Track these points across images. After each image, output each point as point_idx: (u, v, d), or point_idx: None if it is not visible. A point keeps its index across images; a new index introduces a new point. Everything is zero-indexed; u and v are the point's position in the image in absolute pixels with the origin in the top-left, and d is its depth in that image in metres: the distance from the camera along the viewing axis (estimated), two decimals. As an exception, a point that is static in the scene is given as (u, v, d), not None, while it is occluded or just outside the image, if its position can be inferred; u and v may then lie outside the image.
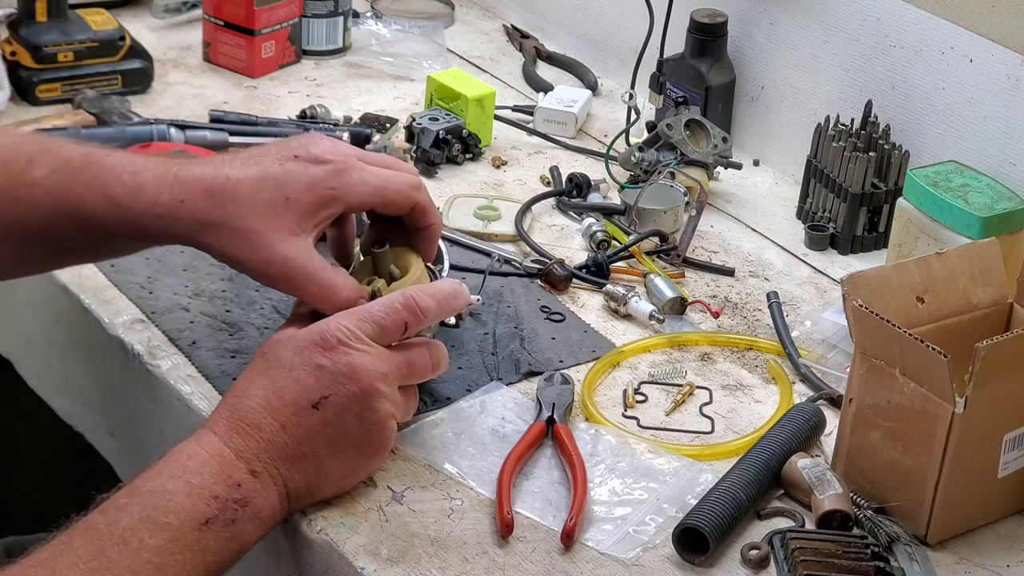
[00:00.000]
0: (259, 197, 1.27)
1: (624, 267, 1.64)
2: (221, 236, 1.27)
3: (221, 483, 1.18)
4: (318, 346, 1.23)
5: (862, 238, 1.73)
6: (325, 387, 1.22)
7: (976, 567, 1.27)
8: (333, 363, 1.22)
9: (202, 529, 1.16)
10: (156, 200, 1.27)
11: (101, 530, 1.13)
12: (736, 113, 1.90)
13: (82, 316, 1.52)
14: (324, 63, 2.06)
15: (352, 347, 1.23)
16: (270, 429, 1.21)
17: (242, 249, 1.27)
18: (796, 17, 1.82)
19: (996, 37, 1.61)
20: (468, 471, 1.32)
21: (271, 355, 1.24)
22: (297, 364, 1.22)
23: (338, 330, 1.23)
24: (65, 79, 1.89)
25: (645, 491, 1.32)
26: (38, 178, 1.28)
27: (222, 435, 1.20)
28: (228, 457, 1.19)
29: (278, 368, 1.23)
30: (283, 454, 1.22)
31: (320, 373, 1.22)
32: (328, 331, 1.23)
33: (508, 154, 1.87)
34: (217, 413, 1.23)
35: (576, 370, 1.47)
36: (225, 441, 1.20)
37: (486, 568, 1.23)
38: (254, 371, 1.24)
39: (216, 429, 1.21)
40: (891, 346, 1.26)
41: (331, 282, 1.28)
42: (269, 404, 1.22)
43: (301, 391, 1.22)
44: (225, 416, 1.22)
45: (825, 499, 1.28)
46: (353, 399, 1.23)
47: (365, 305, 1.27)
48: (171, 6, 2.12)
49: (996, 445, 1.28)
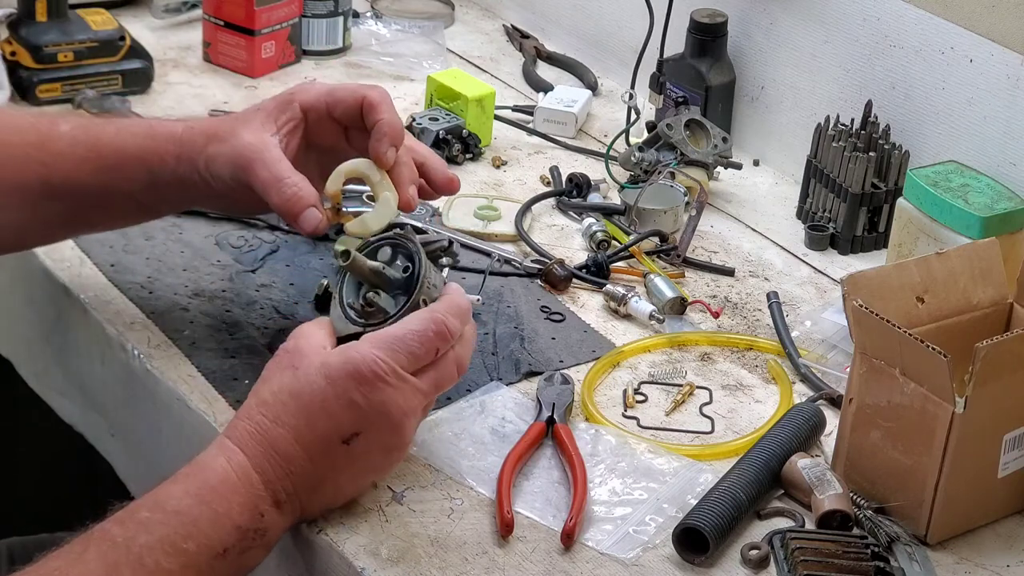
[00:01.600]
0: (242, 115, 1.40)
1: (624, 267, 1.64)
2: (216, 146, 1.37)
3: (246, 512, 1.18)
4: (352, 379, 1.21)
5: (862, 238, 1.73)
6: (357, 424, 1.22)
7: (976, 567, 1.27)
8: (367, 400, 1.21)
9: (217, 558, 1.16)
10: (173, 131, 1.40)
11: (118, 543, 1.13)
12: (736, 113, 1.90)
13: (82, 316, 1.52)
14: (324, 63, 2.06)
15: (387, 383, 1.21)
16: (299, 461, 1.21)
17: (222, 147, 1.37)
18: (796, 17, 1.82)
19: (996, 37, 1.61)
20: (468, 471, 1.32)
21: (303, 378, 1.22)
22: (330, 396, 1.21)
23: (374, 363, 1.21)
24: (65, 79, 1.89)
25: (645, 491, 1.32)
26: (64, 130, 1.40)
27: (252, 459, 1.19)
28: (256, 485, 1.19)
29: (310, 395, 1.21)
30: (308, 484, 1.22)
31: (353, 409, 1.21)
32: (363, 364, 1.21)
33: (508, 154, 1.87)
34: (244, 428, 1.21)
35: (576, 370, 1.47)
36: (254, 465, 1.19)
37: (486, 568, 1.23)
38: (284, 390, 1.22)
39: (246, 450, 1.20)
40: (891, 346, 1.26)
41: (281, 173, 1.33)
42: (299, 434, 1.20)
43: (333, 426, 1.21)
44: (256, 438, 1.20)
45: (825, 499, 1.28)
46: (383, 435, 1.23)
47: (398, 334, 1.24)
48: (171, 6, 2.12)
49: (996, 445, 1.28)
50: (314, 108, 1.39)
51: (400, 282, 1.31)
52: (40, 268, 1.57)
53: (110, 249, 1.58)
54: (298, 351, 1.24)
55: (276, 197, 1.32)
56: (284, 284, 1.56)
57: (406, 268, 1.31)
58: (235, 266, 1.58)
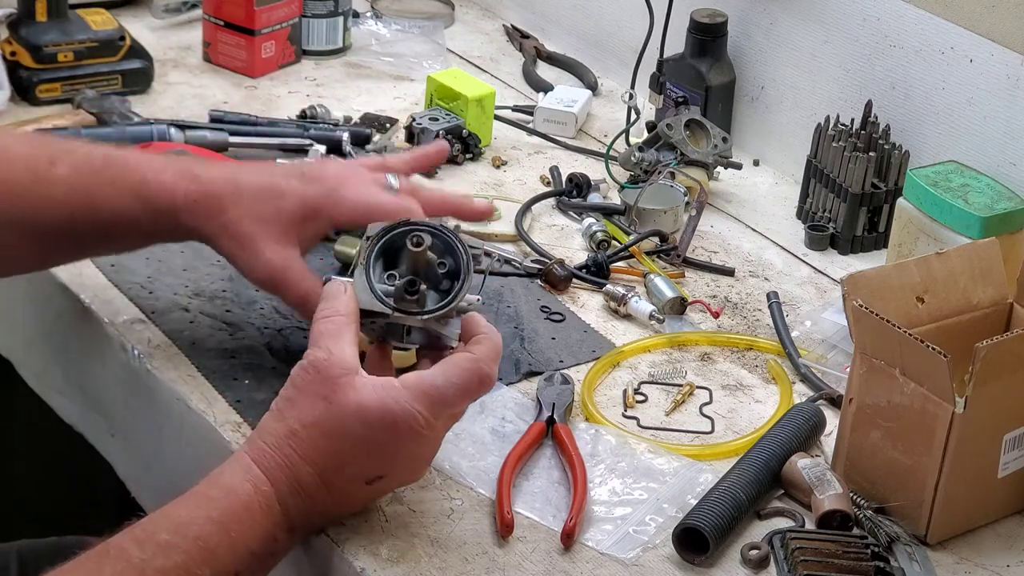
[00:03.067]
0: (257, 206, 1.33)
1: (624, 267, 1.64)
2: (222, 236, 1.34)
3: (263, 540, 1.17)
4: (389, 431, 1.17)
5: (862, 238, 1.73)
6: (384, 468, 1.21)
7: (976, 567, 1.28)
8: (400, 450, 1.19)
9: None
10: (174, 198, 1.33)
11: (134, 563, 1.11)
12: (736, 113, 1.90)
13: (82, 316, 1.52)
14: (324, 63, 2.06)
15: (422, 434, 1.19)
16: (321, 496, 1.19)
17: (235, 250, 1.34)
18: (796, 17, 1.82)
19: (996, 37, 1.61)
20: (468, 471, 1.32)
21: (337, 417, 1.17)
22: (362, 444, 1.18)
23: (413, 420, 1.17)
24: (65, 79, 1.89)
25: (645, 491, 1.32)
26: (60, 175, 1.33)
27: (278, 491, 1.17)
28: (277, 515, 1.18)
29: (342, 439, 1.17)
30: (324, 514, 1.22)
31: (384, 457, 1.19)
32: (403, 418, 1.17)
33: (508, 154, 1.87)
34: (273, 459, 1.18)
35: (576, 370, 1.47)
36: (279, 498, 1.17)
37: (486, 568, 1.23)
38: (316, 427, 1.17)
39: (274, 482, 1.17)
40: (891, 346, 1.26)
41: (308, 292, 1.31)
42: (326, 475, 1.18)
43: (359, 470, 1.20)
44: (284, 472, 1.17)
45: (825, 499, 1.28)
46: (407, 475, 1.24)
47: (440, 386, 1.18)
48: (171, 6, 2.12)
49: (996, 445, 1.28)
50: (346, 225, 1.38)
51: (439, 277, 1.26)
52: (40, 268, 1.57)
53: (110, 249, 1.58)
54: (331, 380, 1.18)
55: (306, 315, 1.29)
56: (284, 284, 1.56)
57: (441, 263, 1.26)
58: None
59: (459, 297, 1.24)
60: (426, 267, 1.25)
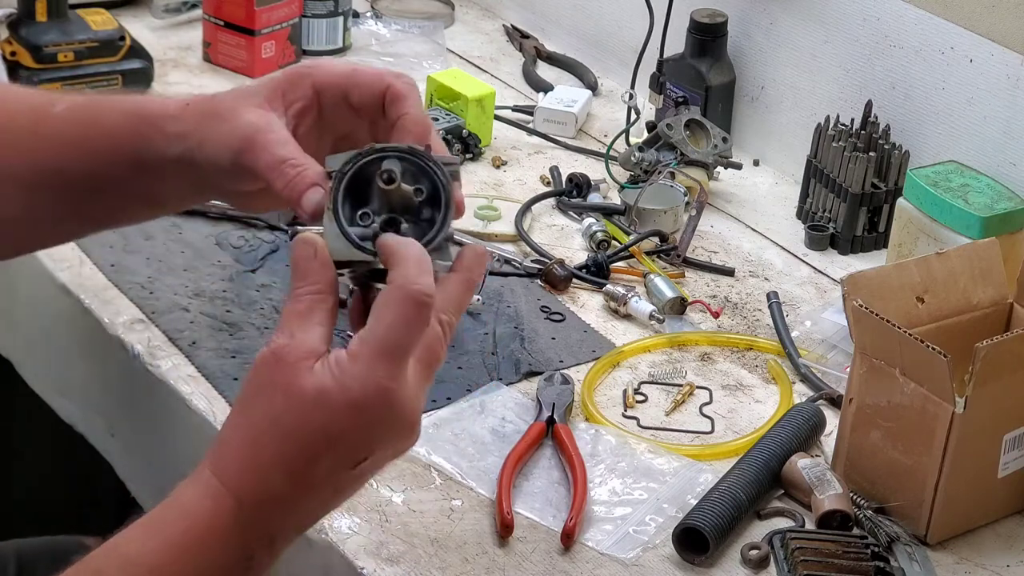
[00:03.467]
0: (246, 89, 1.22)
1: (624, 267, 1.64)
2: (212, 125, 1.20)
3: (237, 561, 1.04)
4: (355, 409, 1.02)
5: (862, 238, 1.73)
6: (366, 448, 1.04)
7: (976, 567, 1.28)
8: (374, 425, 1.03)
9: None
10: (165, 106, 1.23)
11: None
12: (736, 113, 1.90)
13: (82, 316, 1.52)
14: (324, 63, 2.06)
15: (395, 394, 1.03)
16: (301, 499, 1.05)
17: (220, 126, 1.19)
18: (796, 17, 1.82)
19: (996, 37, 1.61)
20: (468, 471, 1.32)
21: (296, 411, 1.02)
22: (334, 433, 1.02)
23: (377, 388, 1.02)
24: (65, 79, 1.89)
25: (645, 491, 1.32)
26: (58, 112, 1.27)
27: (246, 504, 1.03)
28: (248, 532, 1.04)
29: (308, 435, 1.02)
30: (312, 514, 1.08)
31: (361, 438, 1.04)
32: (366, 392, 1.02)
33: (508, 154, 1.87)
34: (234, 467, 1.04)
35: (576, 370, 1.47)
36: (249, 512, 1.03)
37: (486, 568, 1.23)
38: (276, 426, 1.03)
39: (240, 494, 1.03)
40: (891, 346, 1.26)
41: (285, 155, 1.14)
42: (299, 477, 1.03)
43: (337, 460, 1.04)
44: (251, 482, 1.03)
45: (825, 499, 1.28)
46: (396, 443, 1.07)
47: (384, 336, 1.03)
48: (171, 6, 2.12)
49: (996, 445, 1.28)
50: (329, 90, 1.20)
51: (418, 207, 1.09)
52: (40, 268, 1.57)
53: (110, 249, 1.58)
54: (288, 367, 1.03)
55: (279, 181, 1.13)
56: (284, 284, 1.56)
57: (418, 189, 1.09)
58: (235, 266, 1.58)
59: (446, 224, 1.09)
60: (402, 199, 1.09)
